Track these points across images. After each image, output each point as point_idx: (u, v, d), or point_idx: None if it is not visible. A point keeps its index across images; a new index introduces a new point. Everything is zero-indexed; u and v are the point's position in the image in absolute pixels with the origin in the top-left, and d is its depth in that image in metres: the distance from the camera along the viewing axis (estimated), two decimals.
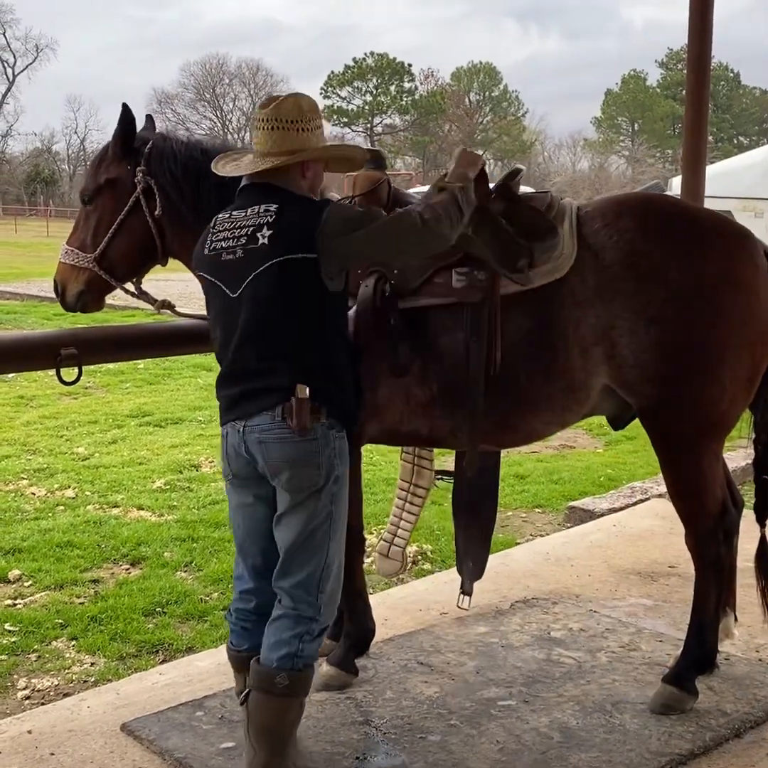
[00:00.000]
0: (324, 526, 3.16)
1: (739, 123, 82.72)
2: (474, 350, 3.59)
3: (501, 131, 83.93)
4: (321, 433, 3.10)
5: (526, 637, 4.50)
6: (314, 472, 3.11)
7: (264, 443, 3.10)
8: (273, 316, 3.08)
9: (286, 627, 3.16)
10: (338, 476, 3.17)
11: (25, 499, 7.16)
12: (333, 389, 3.16)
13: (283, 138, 3.19)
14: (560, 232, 3.57)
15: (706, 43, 5.93)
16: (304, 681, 3.20)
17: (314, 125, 3.25)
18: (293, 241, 3.07)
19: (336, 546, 3.21)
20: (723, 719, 3.78)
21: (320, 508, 3.14)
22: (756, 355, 3.64)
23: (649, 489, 6.89)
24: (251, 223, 3.13)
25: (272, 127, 3.19)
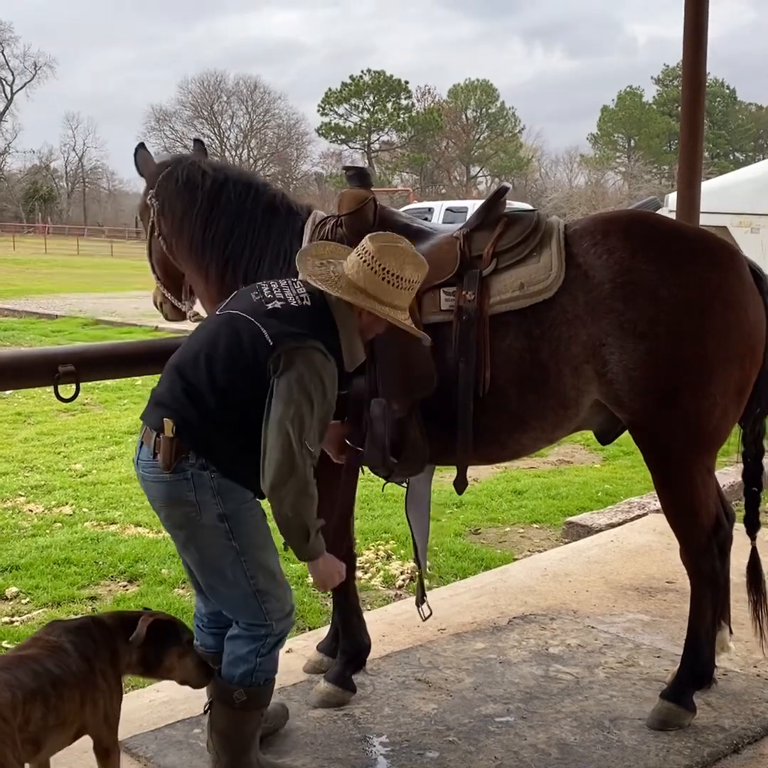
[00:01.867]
0: (231, 563, 3.12)
1: (734, 139, 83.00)
2: (463, 370, 3.60)
3: (498, 148, 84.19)
4: (192, 473, 3.05)
5: (524, 653, 4.49)
6: (189, 509, 3.07)
7: (145, 481, 3.15)
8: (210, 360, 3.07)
9: (242, 644, 3.22)
10: (225, 514, 3.07)
11: (22, 516, 7.15)
12: (203, 426, 3.05)
13: (385, 290, 3.18)
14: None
15: (701, 60, 5.96)
16: (263, 694, 3.28)
17: (412, 286, 3.26)
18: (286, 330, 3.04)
19: (257, 571, 3.15)
20: (721, 735, 3.77)
21: (218, 548, 3.10)
22: (745, 369, 3.66)
23: (646, 504, 6.90)
24: (293, 292, 3.19)
25: (398, 287, 3.19)
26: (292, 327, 3.05)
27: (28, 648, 2.95)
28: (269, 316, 3.08)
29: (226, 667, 3.24)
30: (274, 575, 3.22)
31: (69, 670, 2.87)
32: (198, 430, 3.05)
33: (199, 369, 3.09)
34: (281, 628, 3.23)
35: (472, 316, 3.61)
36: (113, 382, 12.11)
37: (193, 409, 3.05)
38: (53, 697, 2.78)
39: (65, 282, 30.80)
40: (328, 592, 4.00)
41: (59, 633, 2.99)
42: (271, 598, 3.19)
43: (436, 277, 3.69)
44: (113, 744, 3.06)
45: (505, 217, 3.80)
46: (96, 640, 3.02)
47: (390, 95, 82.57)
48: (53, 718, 2.78)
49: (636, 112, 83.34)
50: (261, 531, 3.19)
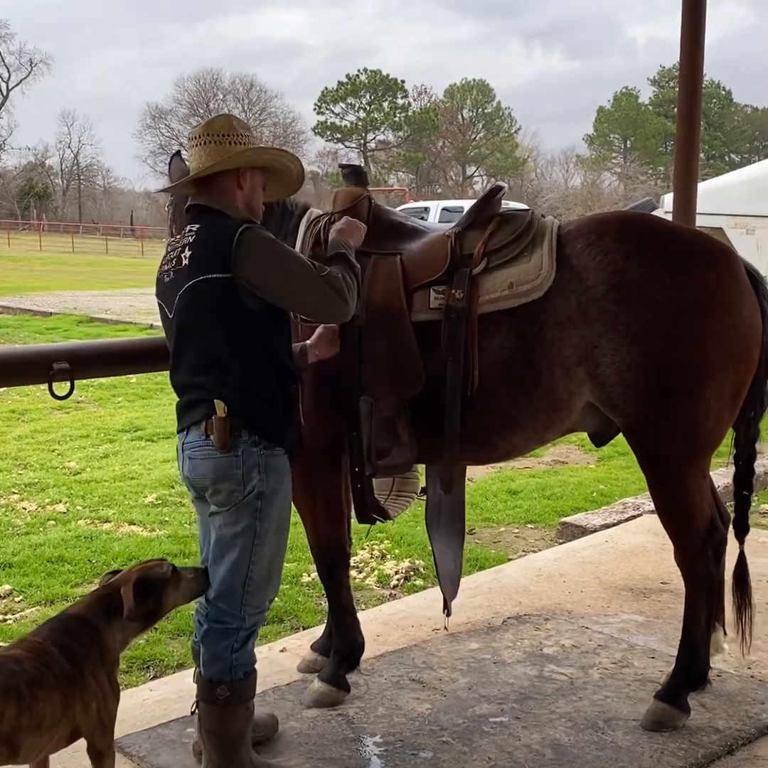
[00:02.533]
0: (245, 541, 3.18)
1: (730, 140, 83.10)
2: (451, 369, 3.59)
3: (494, 148, 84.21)
4: (243, 449, 3.14)
5: (519, 654, 4.49)
6: (233, 487, 3.15)
7: (192, 459, 3.21)
8: (195, 333, 3.17)
9: (215, 641, 3.24)
10: (262, 492, 3.17)
11: (16, 513, 7.13)
12: (255, 406, 3.17)
13: (217, 150, 3.24)
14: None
15: (698, 61, 5.96)
16: (246, 688, 3.29)
17: (248, 141, 3.31)
18: (207, 261, 3.12)
19: (263, 561, 3.22)
20: (715, 736, 3.77)
21: (242, 521, 3.18)
22: (740, 372, 3.64)
23: (641, 505, 6.90)
24: (179, 245, 3.24)
25: (204, 141, 3.26)
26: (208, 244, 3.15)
27: (12, 648, 2.95)
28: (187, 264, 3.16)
29: (204, 667, 3.27)
30: (271, 570, 3.28)
31: (49, 671, 2.85)
32: (245, 402, 3.14)
33: (201, 350, 3.16)
34: (252, 622, 3.27)
35: (461, 314, 3.60)
36: (107, 380, 12.10)
37: (228, 385, 3.13)
38: (27, 697, 2.76)
39: (60, 279, 30.77)
40: (322, 592, 3.99)
41: (45, 636, 2.98)
42: (256, 592, 3.23)
43: (427, 275, 3.69)
44: (107, 747, 3.04)
45: (498, 217, 3.80)
46: (83, 643, 2.99)
47: (386, 94, 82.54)
48: (27, 718, 2.76)
49: (632, 113, 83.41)
50: (282, 521, 3.28)
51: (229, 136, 3.26)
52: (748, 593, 3.98)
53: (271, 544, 3.25)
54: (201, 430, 3.16)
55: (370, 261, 3.75)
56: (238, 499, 3.16)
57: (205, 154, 3.24)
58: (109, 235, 64.24)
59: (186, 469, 3.25)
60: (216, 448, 3.12)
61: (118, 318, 20.05)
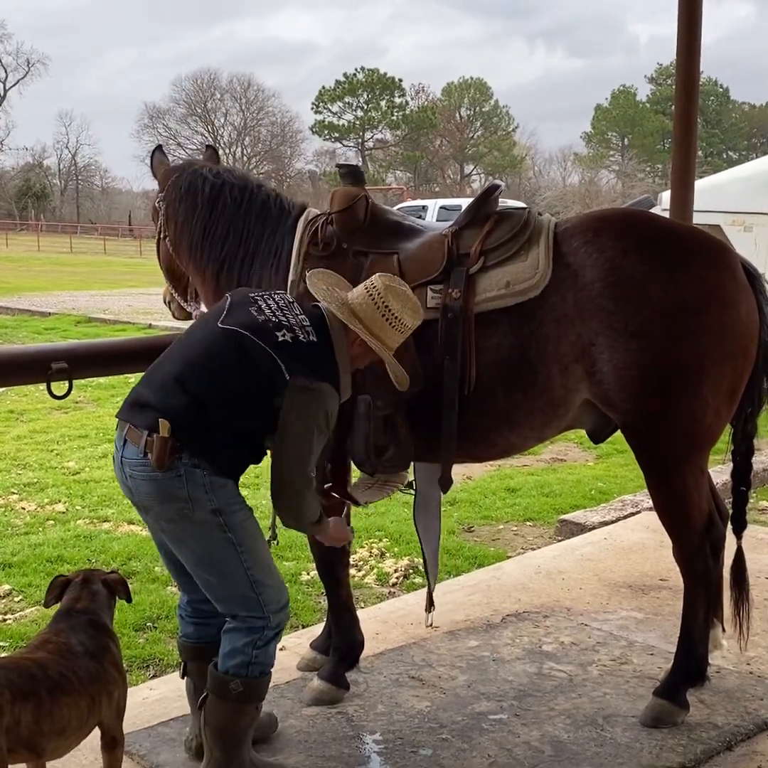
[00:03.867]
0: (228, 555, 3.16)
1: (728, 138, 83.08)
2: (448, 368, 3.60)
3: (491, 146, 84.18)
4: (185, 470, 3.09)
5: (518, 651, 4.50)
6: (182, 505, 3.11)
7: (133, 479, 3.16)
8: (217, 373, 3.14)
9: (239, 636, 3.23)
10: (218, 509, 3.12)
11: (15, 513, 7.13)
12: (200, 431, 3.11)
13: (383, 328, 3.27)
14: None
15: (695, 59, 5.96)
16: (259, 687, 3.29)
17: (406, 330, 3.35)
18: (292, 359, 3.12)
19: (254, 560, 3.20)
20: (714, 732, 3.78)
21: (213, 540, 3.14)
22: (738, 369, 3.64)
23: (639, 502, 6.91)
24: (288, 316, 3.23)
25: (394, 327, 3.29)
26: (304, 363, 3.14)
27: (38, 651, 2.95)
28: (281, 347, 3.14)
29: (221, 659, 3.24)
30: (269, 566, 3.27)
31: (75, 675, 2.87)
32: (195, 433, 3.10)
33: (202, 382, 3.14)
34: (278, 621, 3.25)
35: (458, 313, 3.60)
36: (106, 380, 12.09)
37: (193, 416, 3.10)
38: (48, 703, 2.77)
39: (58, 279, 30.76)
40: (321, 591, 3.99)
41: (68, 634, 2.99)
42: (267, 588, 3.21)
43: (424, 274, 3.69)
44: (121, 734, 3.10)
45: (495, 215, 3.80)
46: (101, 636, 3.04)
47: (384, 93, 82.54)
48: (48, 724, 2.77)
49: (630, 111, 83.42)
50: (252, 523, 3.24)
51: (404, 325, 3.31)
52: (746, 589, 3.99)
53: (253, 545, 3.21)
54: (139, 446, 3.11)
55: (367, 260, 3.75)
56: (188, 515, 3.11)
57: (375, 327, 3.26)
58: (107, 235, 64.20)
59: (130, 486, 3.19)
60: (153, 468, 3.07)
61: (117, 318, 20.04)
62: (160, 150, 4.31)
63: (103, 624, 3.11)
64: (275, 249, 3.89)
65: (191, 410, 3.10)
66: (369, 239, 3.79)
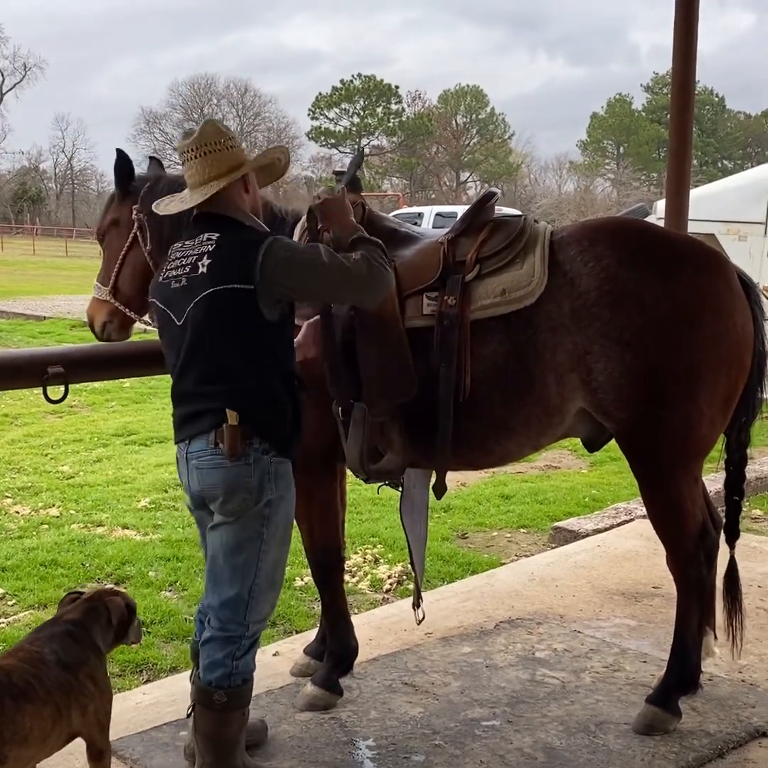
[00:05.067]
0: (252, 547, 3.20)
1: (723, 147, 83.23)
2: (444, 375, 3.61)
3: (488, 153, 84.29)
4: (254, 458, 3.14)
5: (511, 658, 4.50)
6: (246, 496, 3.15)
7: (200, 470, 3.18)
8: (209, 342, 3.16)
9: (217, 648, 3.24)
10: (271, 500, 3.19)
11: (9, 517, 7.13)
12: (267, 415, 3.18)
13: (220, 159, 3.25)
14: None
15: (691, 68, 5.99)
16: (243, 695, 3.30)
17: (237, 142, 3.33)
18: (230, 271, 3.13)
19: (268, 567, 3.24)
20: (706, 740, 3.78)
21: (249, 528, 3.19)
22: (732, 378, 3.66)
23: (633, 510, 6.92)
24: (195, 252, 3.21)
25: (203, 152, 3.25)
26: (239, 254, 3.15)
27: (8, 658, 2.95)
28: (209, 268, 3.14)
29: (203, 671, 3.27)
30: (275, 576, 3.30)
31: (41, 684, 2.85)
32: (255, 411, 3.15)
33: (213, 360, 3.16)
34: (255, 630, 3.28)
35: (453, 321, 3.61)
36: (101, 385, 12.10)
37: (240, 394, 3.14)
38: (11, 710, 2.76)
39: (53, 283, 30.71)
40: (315, 596, 3.98)
41: (42, 643, 2.98)
42: (261, 599, 3.24)
43: (420, 281, 3.70)
44: (107, 745, 3.09)
45: (491, 223, 3.80)
46: (81, 648, 3.02)
47: (380, 100, 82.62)
48: (10, 731, 2.75)
49: (625, 120, 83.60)
50: (287, 527, 3.30)
51: (224, 142, 3.26)
52: (738, 598, 4.00)
53: (276, 550, 3.26)
54: (209, 439, 3.14)
55: None
56: (250, 507, 3.16)
57: (208, 165, 3.23)
58: None
59: (194, 480, 3.21)
60: (225, 456, 3.11)
61: None
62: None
63: (87, 637, 3.08)
64: None
65: (242, 389, 3.14)
66: None
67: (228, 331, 3.14)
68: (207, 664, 3.25)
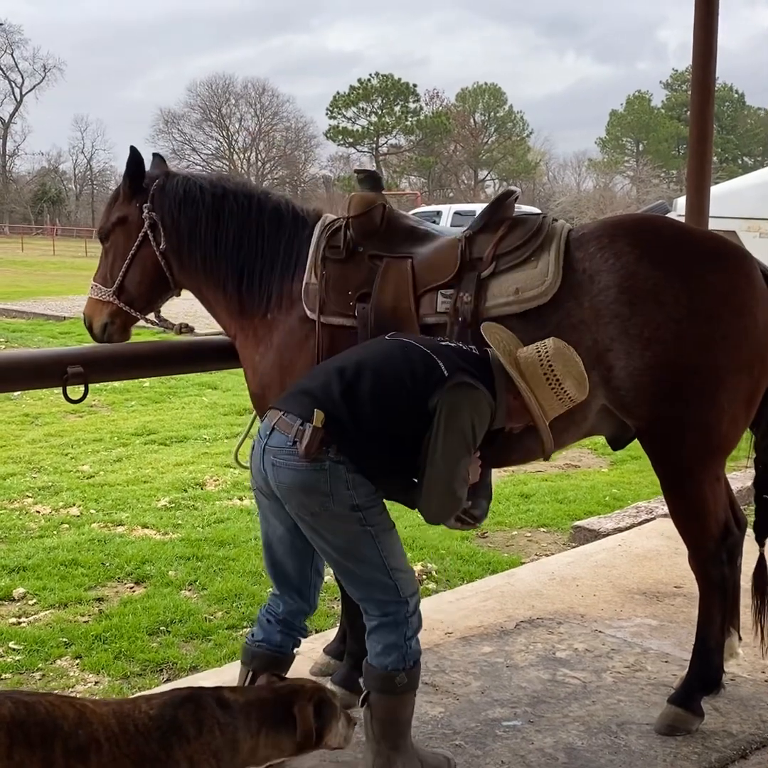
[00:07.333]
0: (367, 546, 3.22)
1: (743, 143, 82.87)
2: None
3: (506, 151, 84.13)
4: (329, 466, 3.13)
5: (531, 657, 4.49)
6: (323, 498, 3.15)
7: (277, 467, 3.18)
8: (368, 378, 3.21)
9: (388, 632, 3.29)
10: (358, 505, 3.18)
11: (29, 517, 7.16)
12: (352, 426, 3.16)
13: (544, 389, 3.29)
14: None
15: (711, 64, 5.95)
16: (418, 675, 3.38)
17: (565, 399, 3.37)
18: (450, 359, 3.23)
19: (390, 551, 3.26)
20: (729, 740, 3.76)
21: (353, 533, 3.20)
22: (754, 376, 3.62)
23: (654, 509, 6.88)
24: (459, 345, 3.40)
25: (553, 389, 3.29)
26: (465, 364, 3.22)
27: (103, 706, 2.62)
28: (443, 349, 3.26)
29: (376, 658, 3.30)
30: (402, 554, 3.34)
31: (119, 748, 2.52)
32: (347, 428, 3.15)
33: (364, 379, 3.20)
34: (414, 603, 3.33)
35: (468, 318, 3.60)
36: (120, 384, 12.13)
37: (347, 410, 3.16)
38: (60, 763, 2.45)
39: (73, 284, 30.82)
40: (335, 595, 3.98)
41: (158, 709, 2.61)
42: (402, 575, 3.29)
43: (437, 278, 3.69)
44: None
45: (510, 220, 3.78)
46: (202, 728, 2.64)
47: (398, 99, 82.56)
48: None
49: (644, 117, 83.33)
50: (386, 515, 3.31)
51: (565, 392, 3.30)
52: (767, 595, 3.96)
53: (390, 536, 3.28)
54: (290, 435, 3.15)
55: (382, 263, 3.76)
56: (330, 507, 3.15)
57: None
58: None
59: (268, 473, 3.21)
60: (300, 457, 3.11)
61: None
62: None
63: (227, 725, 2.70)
64: (294, 256, 3.88)
65: (346, 404, 3.16)
66: (384, 243, 3.79)
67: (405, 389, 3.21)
68: (380, 650, 3.29)
